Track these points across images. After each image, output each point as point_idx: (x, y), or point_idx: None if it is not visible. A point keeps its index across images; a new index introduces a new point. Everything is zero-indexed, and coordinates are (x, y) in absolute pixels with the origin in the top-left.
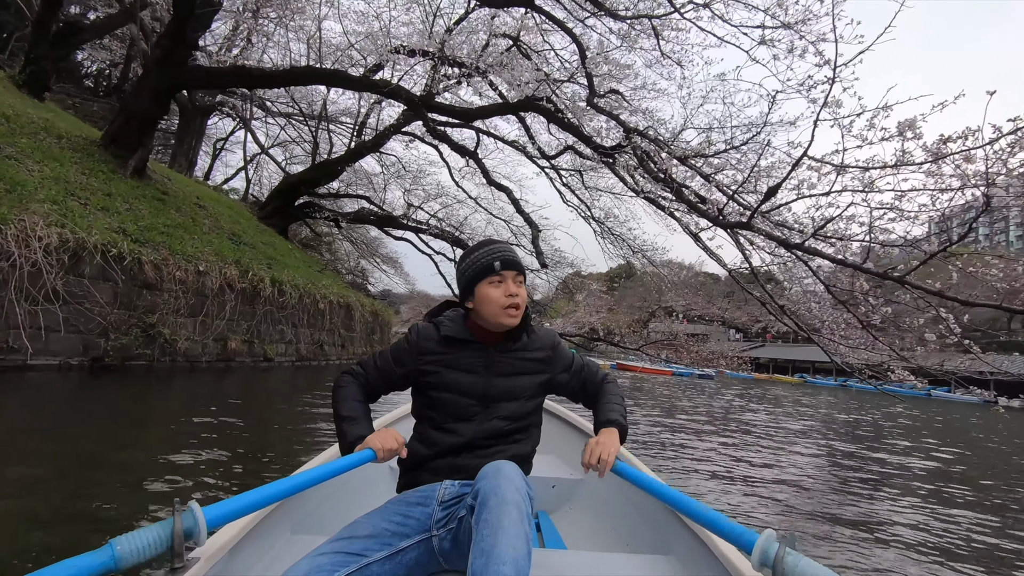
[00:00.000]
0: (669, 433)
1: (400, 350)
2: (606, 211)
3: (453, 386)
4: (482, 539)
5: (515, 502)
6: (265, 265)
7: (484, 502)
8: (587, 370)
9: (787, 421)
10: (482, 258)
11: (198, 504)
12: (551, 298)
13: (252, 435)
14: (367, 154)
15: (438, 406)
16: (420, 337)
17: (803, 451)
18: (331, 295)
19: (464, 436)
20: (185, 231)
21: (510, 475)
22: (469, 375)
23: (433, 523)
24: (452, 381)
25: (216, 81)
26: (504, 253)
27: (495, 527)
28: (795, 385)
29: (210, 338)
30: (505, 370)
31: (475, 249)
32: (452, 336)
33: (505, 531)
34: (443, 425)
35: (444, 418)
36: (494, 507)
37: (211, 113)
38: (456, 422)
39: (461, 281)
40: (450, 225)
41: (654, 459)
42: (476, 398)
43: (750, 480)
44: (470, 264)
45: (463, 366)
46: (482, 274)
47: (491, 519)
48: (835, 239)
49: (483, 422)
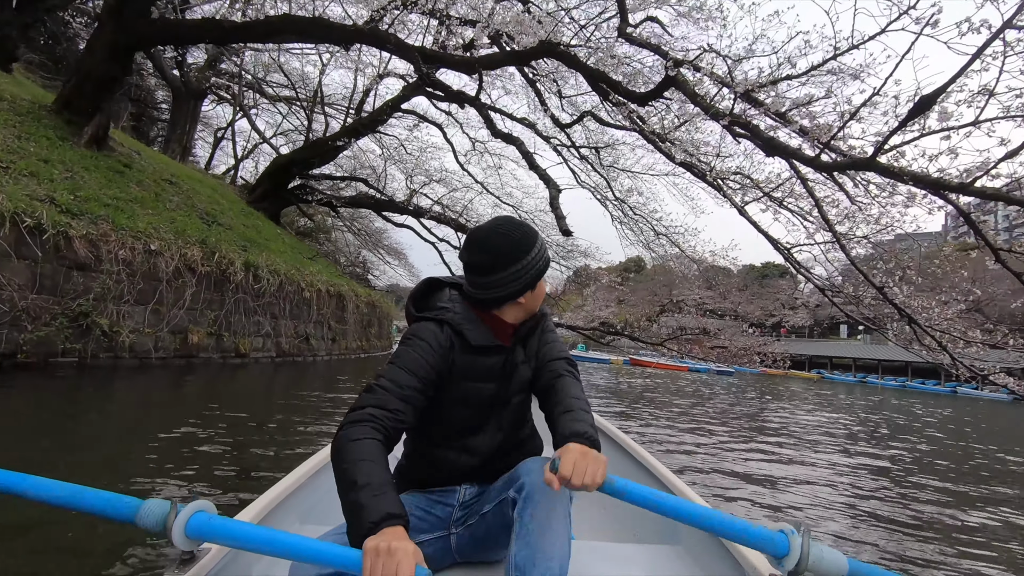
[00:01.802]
0: (707, 436)
1: (424, 364)
2: (627, 188)
3: (472, 399)
4: (528, 532)
5: (562, 501)
6: (239, 247)
7: (531, 496)
8: (545, 354)
9: (838, 422)
10: (544, 250)
11: (195, 505)
12: (561, 291)
13: (188, 450)
14: (365, 133)
15: (447, 422)
16: (443, 342)
17: (864, 455)
18: (318, 283)
19: (481, 454)
20: (141, 206)
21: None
22: (487, 384)
23: (452, 521)
24: (473, 393)
25: (182, 35)
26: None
27: (543, 523)
28: (813, 381)
29: (165, 330)
30: (516, 371)
31: (532, 238)
32: (482, 345)
33: (553, 529)
34: (455, 443)
35: (455, 434)
36: (542, 503)
37: (204, 96)
38: (468, 437)
39: (529, 273)
40: (454, 211)
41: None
42: (489, 408)
43: (819, 495)
44: (538, 258)
45: (483, 375)
46: (546, 268)
47: (539, 515)
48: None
49: (495, 434)
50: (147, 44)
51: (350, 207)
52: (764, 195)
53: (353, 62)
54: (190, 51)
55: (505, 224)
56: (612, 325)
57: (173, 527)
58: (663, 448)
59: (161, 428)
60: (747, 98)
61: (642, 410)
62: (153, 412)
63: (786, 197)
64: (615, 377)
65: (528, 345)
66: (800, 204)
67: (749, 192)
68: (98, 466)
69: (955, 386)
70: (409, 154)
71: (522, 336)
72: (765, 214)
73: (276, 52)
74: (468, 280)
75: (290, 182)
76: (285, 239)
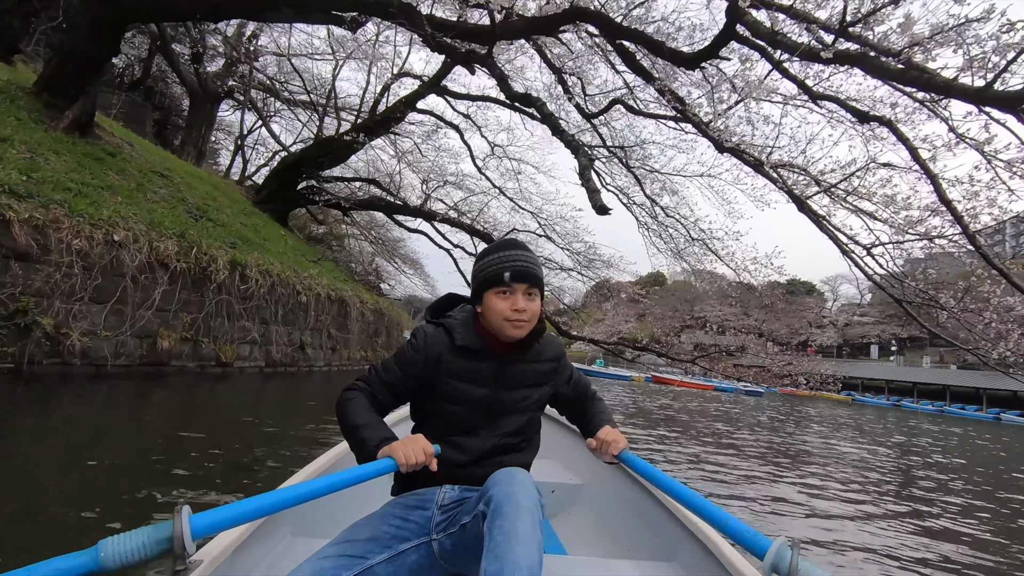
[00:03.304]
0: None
1: (406, 358)
2: (658, 190)
3: (461, 398)
4: (496, 545)
5: (529, 509)
6: (226, 244)
7: (499, 509)
8: (582, 384)
9: (884, 455)
10: (493, 264)
11: (190, 509)
12: (580, 305)
13: (127, 483)
14: (379, 133)
15: (442, 418)
16: (429, 343)
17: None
18: (317, 286)
19: (470, 453)
20: (113, 193)
21: (524, 482)
22: (478, 387)
23: (432, 526)
24: (461, 392)
25: (170, 10)
26: (518, 263)
27: (509, 533)
28: (844, 404)
29: (128, 333)
30: (513, 382)
31: (490, 252)
32: (467, 346)
33: (520, 538)
34: (447, 438)
35: (448, 430)
36: (509, 514)
37: (221, 100)
38: (460, 436)
39: (473, 283)
40: (469, 216)
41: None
42: (482, 411)
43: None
44: (481, 268)
45: (472, 377)
46: (491, 282)
47: (506, 525)
48: None
49: (488, 438)
50: (134, 20)
51: (361, 209)
52: (830, 187)
53: (367, 56)
54: (208, 56)
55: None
56: (637, 340)
57: (183, 532)
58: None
59: (96, 453)
60: (844, 34)
61: (675, 434)
62: (95, 431)
63: (852, 191)
64: (638, 396)
65: (533, 366)
66: (862, 203)
67: (808, 187)
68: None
69: (999, 412)
70: (424, 156)
71: (522, 353)
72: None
73: (295, 58)
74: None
75: (298, 183)
76: (288, 240)
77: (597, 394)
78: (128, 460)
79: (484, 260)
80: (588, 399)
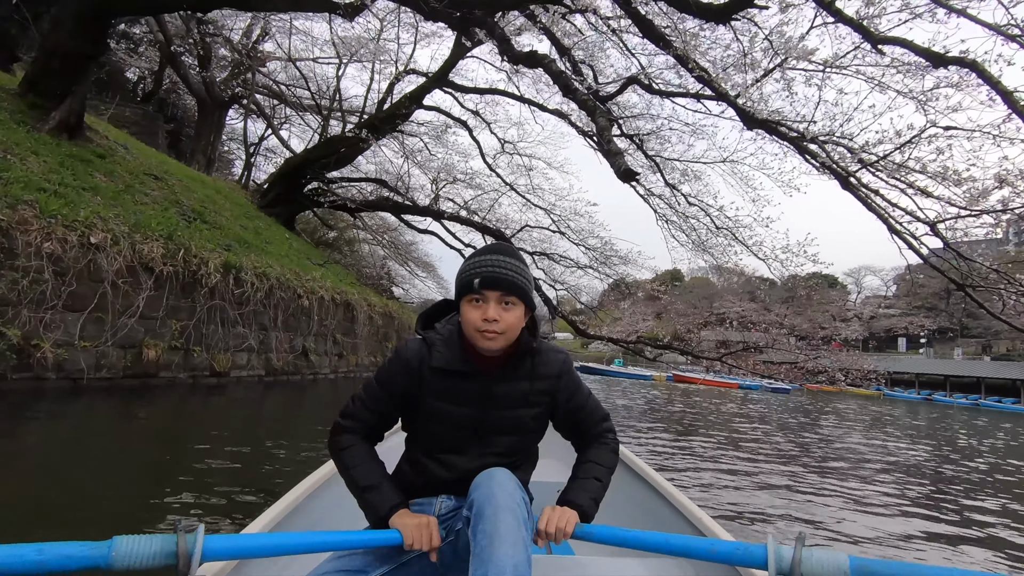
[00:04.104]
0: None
1: (388, 378)
2: (680, 173)
3: (442, 418)
4: (481, 549)
5: (510, 508)
6: (221, 247)
7: (480, 512)
8: (584, 412)
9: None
10: (466, 271)
11: (203, 530)
12: (597, 304)
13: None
14: (385, 131)
15: (428, 436)
16: (410, 360)
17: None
18: (320, 289)
19: (456, 472)
20: (95, 194)
21: (503, 481)
22: (461, 407)
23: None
24: (443, 413)
25: (156, 0)
26: (489, 269)
27: (492, 535)
28: (874, 399)
29: (109, 343)
30: (503, 402)
31: (469, 257)
32: (442, 368)
33: (502, 538)
34: (435, 455)
35: (435, 448)
36: (490, 516)
37: (230, 106)
38: (447, 454)
39: (456, 282)
40: (480, 216)
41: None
42: (468, 431)
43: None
44: (458, 275)
45: (454, 398)
46: (463, 290)
47: (488, 528)
48: None
49: (476, 457)
50: (119, 12)
51: (368, 210)
52: (879, 160)
53: (371, 53)
54: (216, 64)
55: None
56: (659, 338)
57: (192, 552)
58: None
59: (68, 476)
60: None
61: (710, 439)
62: (68, 452)
63: (901, 164)
64: (660, 395)
65: (522, 385)
66: (914, 178)
67: (851, 162)
68: None
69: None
70: (433, 155)
71: (508, 372)
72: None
73: (300, 63)
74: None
75: (304, 185)
76: (294, 244)
77: (606, 435)
78: (105, 484)
79: (461, 266)
80: (590, 437)
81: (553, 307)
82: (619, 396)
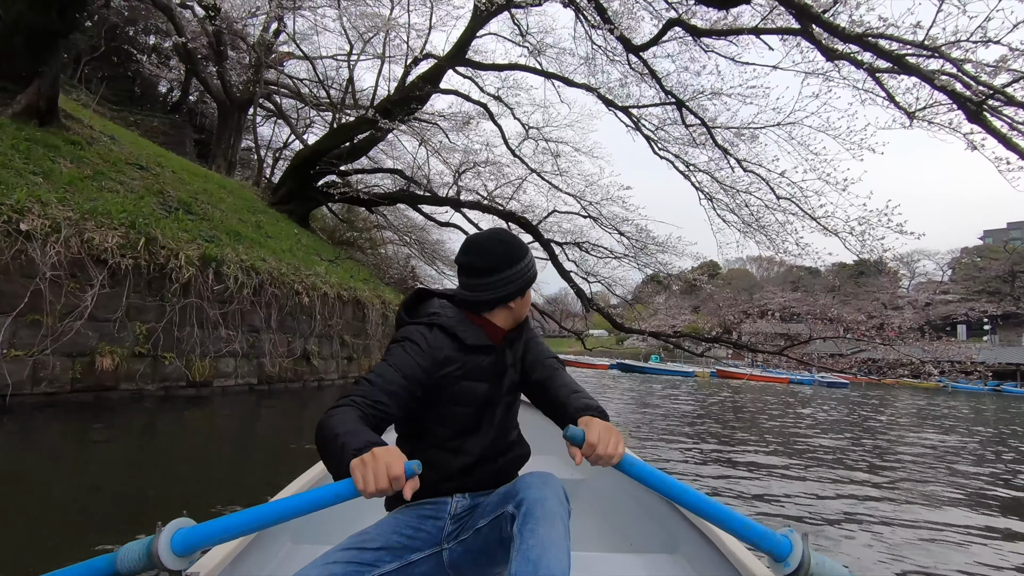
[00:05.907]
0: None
1: (412, 364)
2: (728, 143)
3: (469, 398)
4: (528, 548)
5: (562, 517)
6: (202, 238)
7: (531, 512)
8: (543, 354)
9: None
10: (534, 266)
11: (177, 523)
12: (632, 297)
13: None
14: (398, 115)
15: (445, 423)
16: (433, 345)
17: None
18: (324, 285)
19: (473, 454)
20: (47, 179)
21: (556, 488)
22: (483, 383)
23: (444, 536)
24: (469, 392)
25: None
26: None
27: (543, 539)
28: (935, 391)
29: (48, 351)
30: (500, 373)
31: (525, 250)
32: (477, 344)
33: (554, 544)
34: (449, 444)
35: (451, 435)
36: (542, 519)
37: (248, 107)
38: (463, 437)
39: (518, 281)
40: (502, 202)
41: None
42: (484, 407)
43: None
44: (528, 267)
45: (479, 375)
46: (534, 279)
47: (539, 531)
48: None
49: (487, 434)
50: None
51: (383, 203)
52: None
53: (383, 29)
54: (233, 64)
55: (503, 233)
56: (702, 332)
57: (159, 550)
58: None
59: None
60: None
61: (791, 448)
62: None
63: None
64: (706, 395)
65: (514, 349)
66: None
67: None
68: None
69: None
70: (454, 144)
71: (510, 340)
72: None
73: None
74: (464, 283)
75: (316, 178)
76: (303, 240)
77: (563, 371)
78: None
79: (526, 261)
80: (551, 372)
81: (587, 300)
82: (660, 397)
